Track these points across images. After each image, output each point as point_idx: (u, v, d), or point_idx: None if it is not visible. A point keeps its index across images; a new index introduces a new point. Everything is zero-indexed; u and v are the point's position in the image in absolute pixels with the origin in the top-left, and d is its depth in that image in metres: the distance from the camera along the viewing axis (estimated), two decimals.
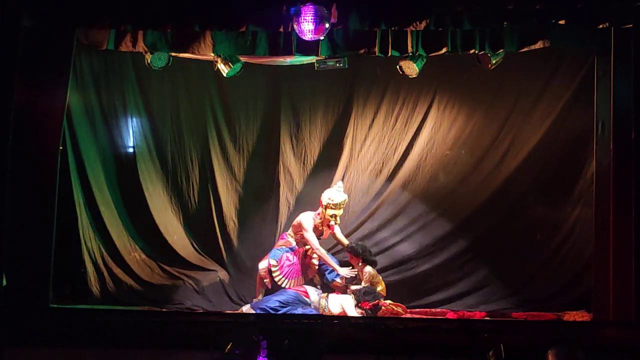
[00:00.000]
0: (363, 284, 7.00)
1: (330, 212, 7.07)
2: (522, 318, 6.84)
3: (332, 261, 7.16)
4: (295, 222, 7.23)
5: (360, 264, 7.12)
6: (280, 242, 7.27)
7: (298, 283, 7.08)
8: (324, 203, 7.09)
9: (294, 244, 7.19)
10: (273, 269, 7.04)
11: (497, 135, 7.53)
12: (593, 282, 6.49)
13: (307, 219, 7.11)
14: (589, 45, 6.47)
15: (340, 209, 7.12)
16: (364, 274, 7.06)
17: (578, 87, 7.17)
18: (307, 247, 7.20)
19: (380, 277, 7.13)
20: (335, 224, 7.22)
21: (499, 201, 7.49)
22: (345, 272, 7.10)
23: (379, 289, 6.99)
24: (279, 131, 7.85)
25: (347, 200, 7.22)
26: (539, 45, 6.31)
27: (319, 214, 7.15)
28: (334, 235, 7.31)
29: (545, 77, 7.35)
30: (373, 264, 7.15)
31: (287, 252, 7.14)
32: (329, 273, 7.15)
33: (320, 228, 7.17)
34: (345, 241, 7.32)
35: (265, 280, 7.09)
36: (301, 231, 7.11)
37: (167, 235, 7.65)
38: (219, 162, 7.83)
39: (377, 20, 6.03)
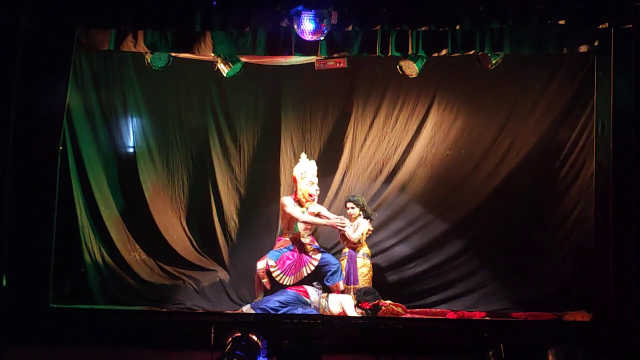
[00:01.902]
0: (355, 236, 7.03)
1: (305, 181, 7.16)
2: (522, 318, 6.84)
3: (319, 220, 7.21)
4: (280, 213, 7.29)
5: (359, 217, 7.17)
6: (278, 243, 7.28)
7: (297, 279, 7.07)
8: (298, 176, 7.20)
9: (290, 242, 7.20)
10: (272, 269, 7.04)
11: (497, 135, 7.54)
12: (593, 282, 6.49)
13: (286, 198, 7.25)
14: (589, 48, 6.46)
15: (313, 175, 7.22)
16: (359, 226, 7.11)
17: (578, 87, 7.18)
18: (306, 241, 7.20)
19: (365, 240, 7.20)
20: (316, 191, 7.23)
21: (499, 201, 7.49)
22: (335, 221, 7.14)
23: (364, 250, 7.08)
24: (279, 131, 7.85)
25: (314, 167, 7.28)
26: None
27: (295, 191, 7.23)
28: (320, 215, 7.28)
29: (545, 77, 7.36)
30: (370, 218, 7.20)
31: (285, 251, 7.15)
32: (331, 275, 7.14)
33: (303, 202, 7.20)
34: (333, 216, 7.30)
35: (263, 281, 7.08)
36: (287, 216, 7.16)
37: (167, 235, 7.65)
38: (219, 162, 7.83)
39: (377, 21, 6.03)
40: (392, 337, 5.69)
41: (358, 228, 7.11)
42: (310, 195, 7.20)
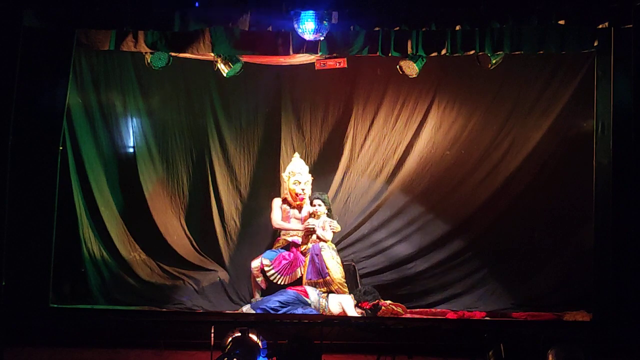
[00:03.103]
0: (328, 236, 7.08)
1: (292, 180, 7.23)
2: (522, 318, 6.84)
3: (289, 225, 7.26)
4: None
5: (324, 215, 7.19)
6: (276, 244, 7.32)
7: (292, 279, 7.08)
8: (285, 175, 7.30)
9: (288, 242, 7.22)
10: (266, 268, 7.06)
11: (497, 135, 7.54)
12: (593, 282, 6.49)
13: (275, 200, 7.34)
14: (589, 48, 6.46)
15: (300, 174, 7.26)
16: (329, 225, 7.13)
17: (578, 87, 7.17)
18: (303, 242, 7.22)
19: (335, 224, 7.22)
20: (303, 191, 7.26)
21: (498, 201, 7.49)
22: (305, 225, 7.16)
23: (329, 244, 7.11)
24: (279, 131, 7.85)
25: (303, 166, 7.33)
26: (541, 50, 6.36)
27: (285, 193, 7.29)
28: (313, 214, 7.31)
29: (545, 77, 7.35)
30: (332, 218, 7.25)
31: (282, 251, 7.18)
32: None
33: (291, 201, 7.26)
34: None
35: (258, 280, 7.10)
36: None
37: (167, 235, 7.64)
38: (219, 162, 7.83)
39: (377, 21, 6.04)
40: (392, 337, 5.69)
41: (328, 227, 7.12)
42: (296, 194, 7.22)
